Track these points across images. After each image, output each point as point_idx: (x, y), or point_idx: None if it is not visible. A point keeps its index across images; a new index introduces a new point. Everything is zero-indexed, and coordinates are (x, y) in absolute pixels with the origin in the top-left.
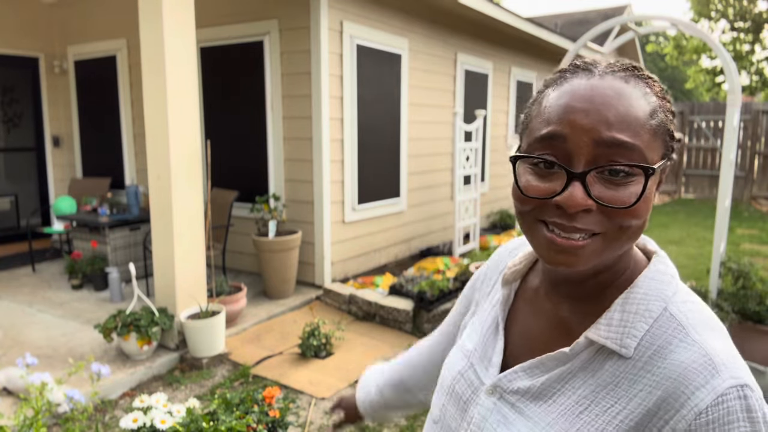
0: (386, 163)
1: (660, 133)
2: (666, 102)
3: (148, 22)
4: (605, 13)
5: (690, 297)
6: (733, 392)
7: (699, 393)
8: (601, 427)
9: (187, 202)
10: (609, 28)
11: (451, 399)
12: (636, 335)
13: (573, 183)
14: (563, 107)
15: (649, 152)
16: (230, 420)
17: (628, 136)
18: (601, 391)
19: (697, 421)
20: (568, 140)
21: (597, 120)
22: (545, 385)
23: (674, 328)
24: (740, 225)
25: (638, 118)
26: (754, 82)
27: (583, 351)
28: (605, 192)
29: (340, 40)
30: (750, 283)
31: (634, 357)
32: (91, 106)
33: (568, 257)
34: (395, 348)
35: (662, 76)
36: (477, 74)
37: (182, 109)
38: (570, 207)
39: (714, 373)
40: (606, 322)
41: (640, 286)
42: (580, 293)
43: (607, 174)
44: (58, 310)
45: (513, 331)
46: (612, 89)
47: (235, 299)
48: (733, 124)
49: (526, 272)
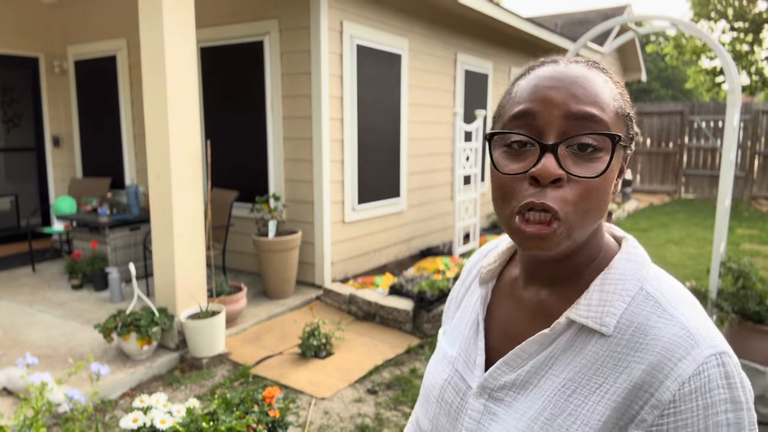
0: (386, 163)
1: (622, 116)
2: (624, 93)
3: (148, 21)
4: (605, 13)
5: (662, 276)
6: (712, 360)
7: (681, 364)
8: (592, 407)
9: (187, 202)
10: (609, 28)
11: (441, 409)
12: (615, 313)
13: (546, 154)
14: (532, 87)
15: (614, 129)
16: (230, 420)
17: (596, 110)
18: (587, 372)
19: (680, 391)
20: (539, 116)
21: (566, 95)
22: (530, 373)
23: (652, 305)
24: (740, 225)
25: (603, 97)
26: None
27: (565, 333)
28: (573, 167)
29: (340, 40)
30: (750, 283)
31: (615, 335)
32: (91, 106)
33: (541, 242)
34: (395, 348)
35: (662, 76)
36: (477, 74)
37: (182, 109)
38: (543, 176)
39: (694, 344)
40: (585, 303)
41: (616, 267)
42: (557, 276)
43: (576, 149)
44: (58, 310)
45: (493, 328)
46: (577, 72)
47: (235, 299)
48: (733, 124)
49: (500, 270)
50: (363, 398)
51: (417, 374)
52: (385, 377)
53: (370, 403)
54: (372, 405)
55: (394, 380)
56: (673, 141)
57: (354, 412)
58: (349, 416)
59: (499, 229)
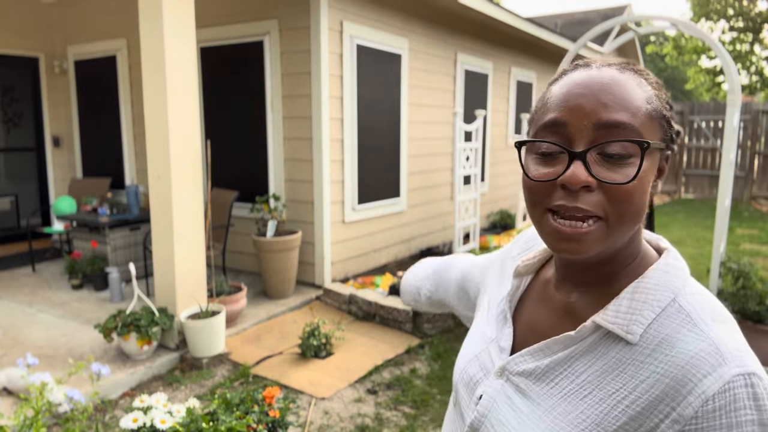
0: (386, 163)
1: (656, 118)
2: (661, 93)
3: (148, 21)
4: (605, 13)
5: (699, 290)
6: (740, 380)
7: (706, 380)
8: (606, 410)
9: (187, 202)
10: (609, 28)
11: (462, 380)
12: (643, 323)
13: (575, 162)
14: (563, 95)
15: (646, 134)
16: (230, 420)
17: (625, 117)
18: (606, 377)
19: (704, 408)
20: (569, 125)
21: (595, 104)
22: (549, 366)
23: (682, 319)
24: (740, 225)
25: (633, 101)
26: (753, 82)
27: (589, 336)
28: (604, 172)
29: (340, 40)
30: (750, 283)
31: (640, 344)
32: (91, 106)
33: (573, 245)
34: (395, 348)
35: (662, 76)
36: (477, 74)
37: (182, 109)
38: (572, 183)
39: (721, 362)
40: (614, 309)
41: (650, 276)
42: (589, 281)
43: (606, 156)
44: (58, 310)
45: (521, 321)
46: (608, 77)
47: (235, 299)
48: (733, 124)
49: (539, 267)
50: (363, 398)
51: (417, 374)
52: (385, 377)
53: (370, 403)
54: (372, 405)
55: (394, 380)
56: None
57: (354, 412)
58: (349, 416)
59: (499, 229)
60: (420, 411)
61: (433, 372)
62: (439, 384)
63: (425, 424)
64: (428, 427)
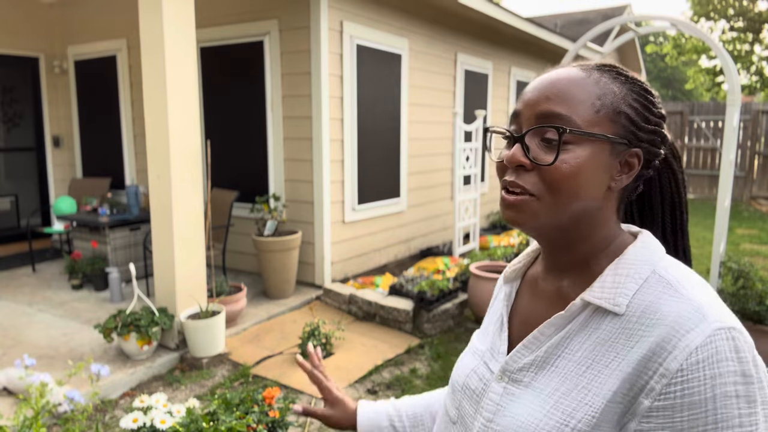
0: (386, 163)
1: (607, 111)
2: (631, 92)
3: (148, 21)
4: (605, 13)
5: (676, 262)
6: (721, 333)
7: (689, 335)
8: (605, 380)
9: (187, 202)
10: (609, 28)
11: (465, 395)
12: (627, 294)
13: (516, 145)
14: (524, 91)
15: (588, 126)
16: (230, 420)
17: (562, 109)
18: (601, 349)
19: (688, 361)
20: (521, 115)
21: (539, 97)
22: (547, 353)
23: (663, 286)
24: (740, 225)
25: (577, 96)
26: (753, 82)
27: (580, 315)
28: (541, 155)
29: (340, 40)
30: (750, 283)
31: (627, 314)
32: (91, 106)
33: (513, 212)
34: (395, 348)
35: (662, 76)
36: (477, 74)
37: (182, 108)
38: (510, 162)
39: (702, 318)
40: (599, 285)
41: (629, 253)
42: (570, 264)
43: (545, 142)
44: (58, 310)
45: (516, 322)
46: (562, 74)
47: (235, 299)
48: (732, 124)
49: (525, 270)
50: (363, 398)
51: (417, 374)
52: (385, 377)
53: None
54: None
55: (394, 380)
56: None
57: None
58: None
59: (499, 229)
60: None
61: (433, 372)
62: (439, 384)
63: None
64: None
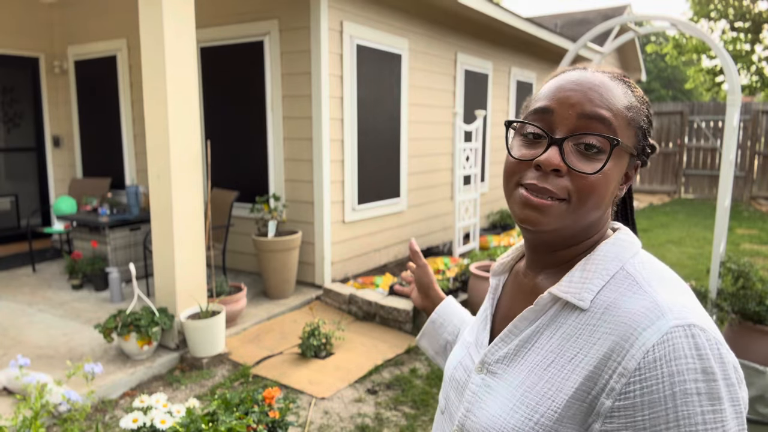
0: (386, 163)
1: (633, 126)
2: (644, 107)
3: (148, 21)
4: (605, 13)
5: (650, 259)
6: (678, 331)
7: (645, 333)
8: (567, 375)
9: (187, 202)
10: (609, 28)
11: (451, 386)
12: (593, 290)
13: (552, 147)
14: (555, 88)
15: (621, 135)
16: (230, 420)
17: (607, 113)
18: (566, 344)
19: (645, 359)
20: (555, 113)
21: (582, 98)
22: (518, 346)
23: (629, 283)
24: (740, 225)
25: (616, 104)
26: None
27: (550, 309)
28: (576, 162)
29: (340, 40)
30: (750, 283)
31: (592, 309)
32: (91, 106)
33: (536, 215)
34: (395, 348)
35: (662, 76)
36: (477, 74)
37: (182, 109)
38: (546, 165)
39: (660, 315)
40: (568, 280)
41: (600, 249)
42: (554, 263)
43: (582, 148)
44: (58, 310)
45: (498, 316)
46: (599, 79)
47: (235, 299)
48: (732, 124)
49: (513, 264)
50: (363, 398)
51: (417, 374)
52: (385, 377)
53: (370, 403)
54: (372, 405)
55: (394, 380)
56: (672, 141)
57: (354, 412)
58: (349, 416)
59: (499, 229)
60: (420, 411)
61: (433, 372)
62: (439, 384)
63: (425, 424)
64: (428, 427)
